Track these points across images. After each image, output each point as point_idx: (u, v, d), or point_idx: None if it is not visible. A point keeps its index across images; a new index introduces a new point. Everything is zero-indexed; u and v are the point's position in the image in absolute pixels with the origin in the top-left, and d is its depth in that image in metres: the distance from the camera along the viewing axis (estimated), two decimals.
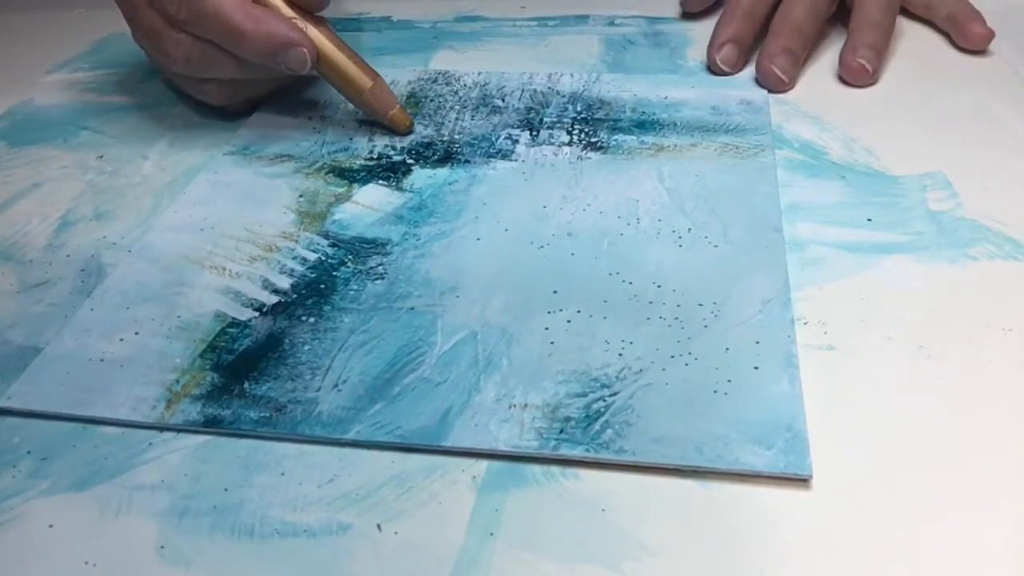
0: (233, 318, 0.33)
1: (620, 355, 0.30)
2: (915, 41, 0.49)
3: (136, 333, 0.32)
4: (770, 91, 0.45)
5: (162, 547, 0.25)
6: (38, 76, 0.51)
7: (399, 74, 0.48)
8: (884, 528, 0.25)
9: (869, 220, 0.36)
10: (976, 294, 0.32)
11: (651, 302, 0.32)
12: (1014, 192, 0.37)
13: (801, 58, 0.46)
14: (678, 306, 0.32)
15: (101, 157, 0.43)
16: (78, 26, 0.54)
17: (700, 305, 0.32)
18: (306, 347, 0.31)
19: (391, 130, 0.43)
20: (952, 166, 0.39)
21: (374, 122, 0.44)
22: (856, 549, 0.24)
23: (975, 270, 0.33)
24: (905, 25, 0.50)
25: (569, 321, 0.31)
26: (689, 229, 0.35)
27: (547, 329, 0.31)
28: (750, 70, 0.47)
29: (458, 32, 0.54)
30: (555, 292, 0.33)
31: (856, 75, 0.45)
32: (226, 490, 0.27)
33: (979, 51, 0.47)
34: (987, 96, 0.44)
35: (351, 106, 0.44)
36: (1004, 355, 0.30)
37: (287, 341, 0.31)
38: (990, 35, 0.47)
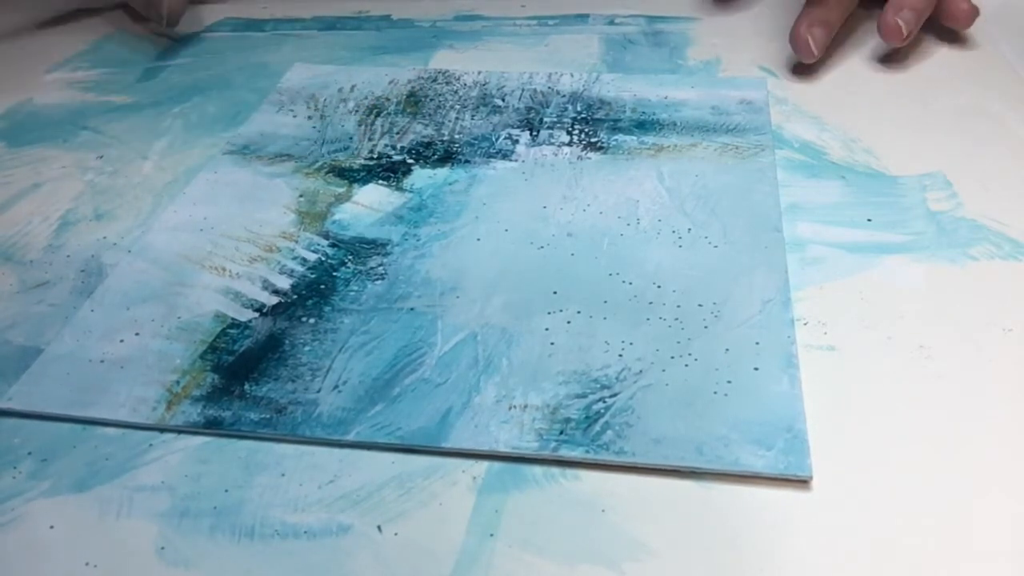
0: (233, 319, 0.33)
1: (620, 356, 0.30)
2: (914, 41, 0.49)
3: (136, 334, 0.32)
4: (798, 58, 0.46)
5: (162, 548, 0.25)
6: (38, 76, 0.51)
7: (399, 73, 0.48)
8: (884, 528, 0.25)
9: (869, 220, 0.36)
10: (976, 294, 0.32)
11: (651, 302, 0.32)
12: (1014, 192, 0.37)
13: (832, 32, 0.47)
14: (678, 306, 0.32)
15: (101, 157, 0.43)
16: (78, 26, 0.54)
17: (700, 305, 0.32)
18: (306, 348, 0.31)
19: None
20: (952, 166, 0.39)
21: (374, 122, 0.44)
22: (856, 549, 0.24)
23: (975, 270, 0.33)
24: None
25: (569, 322, 0.31)
26: (689, 229, 0.35)
27: (547, 330, 0.31)
28: (751, 69, 0.47)
29: (458, 31, 0.54)
30: (555, 292, 0.33)
31: (891, 33, 0.45)
32: (226, 491, 0.27)
33: (963, 28, 0.48)
34: (987, 96, 0.44)
35: (351, 104, 0.45)
36: (1004, 355, 0.30)
37: (287, 342, 0.31)
38: (975, 11, 0.47)
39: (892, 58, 0.48)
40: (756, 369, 0.29)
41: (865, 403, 0.28)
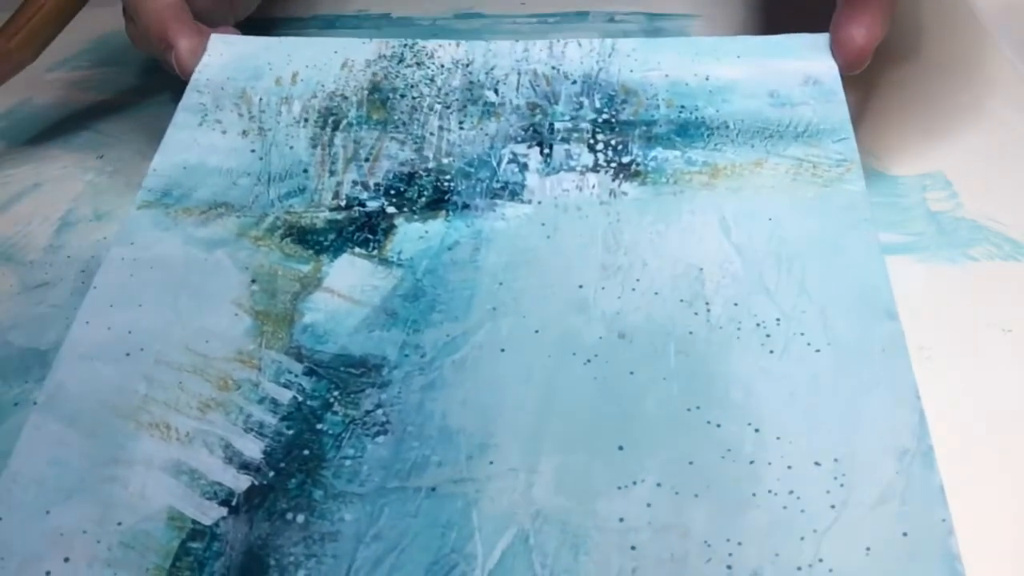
0: (194, 522, 0.24)
1: (729, 568, 0.22)
2: (914, 41, 0.49)
3: (66, 559, 0.23)
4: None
5: None
6: (38, 75, 0.50)
7: (351, 48, 0.37)
8: None
9: None
10: (976, 294, 0.32)
11: (752, 462, 0.24)
12: (1014, 192, 0.37)
13: None
14: (789, 468, 0.24)
15: (101, 157, 0.43)
16: (78, 25, 0.54)
17: (817, 465, 0.24)
18: (300, 573, 0.23)
19: None
20: (952, 166, 0.39)
21: (332, 139, 0.34)
22: None
23: (975, 270, 0.33)
24: (903, 27, 0.50)
25: (649, 505, 0.23)
26: (778, 320, 0.27)
27: (622, 521, 0.23)
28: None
29: (457, 29, 0.53)
30: (621, 448, 0.24)
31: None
32: None
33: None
34: (987, 96, 0.44)
35: (296, 106, 0.35)
36: (1004, 355, 0.30)
37: (273, 562, 0.23)
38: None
39: (892, 58, 0.48)
40: None
41: None
